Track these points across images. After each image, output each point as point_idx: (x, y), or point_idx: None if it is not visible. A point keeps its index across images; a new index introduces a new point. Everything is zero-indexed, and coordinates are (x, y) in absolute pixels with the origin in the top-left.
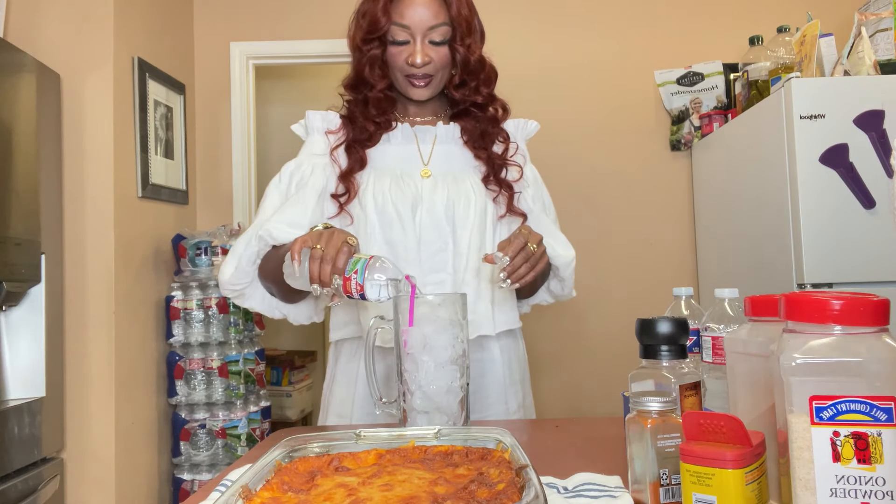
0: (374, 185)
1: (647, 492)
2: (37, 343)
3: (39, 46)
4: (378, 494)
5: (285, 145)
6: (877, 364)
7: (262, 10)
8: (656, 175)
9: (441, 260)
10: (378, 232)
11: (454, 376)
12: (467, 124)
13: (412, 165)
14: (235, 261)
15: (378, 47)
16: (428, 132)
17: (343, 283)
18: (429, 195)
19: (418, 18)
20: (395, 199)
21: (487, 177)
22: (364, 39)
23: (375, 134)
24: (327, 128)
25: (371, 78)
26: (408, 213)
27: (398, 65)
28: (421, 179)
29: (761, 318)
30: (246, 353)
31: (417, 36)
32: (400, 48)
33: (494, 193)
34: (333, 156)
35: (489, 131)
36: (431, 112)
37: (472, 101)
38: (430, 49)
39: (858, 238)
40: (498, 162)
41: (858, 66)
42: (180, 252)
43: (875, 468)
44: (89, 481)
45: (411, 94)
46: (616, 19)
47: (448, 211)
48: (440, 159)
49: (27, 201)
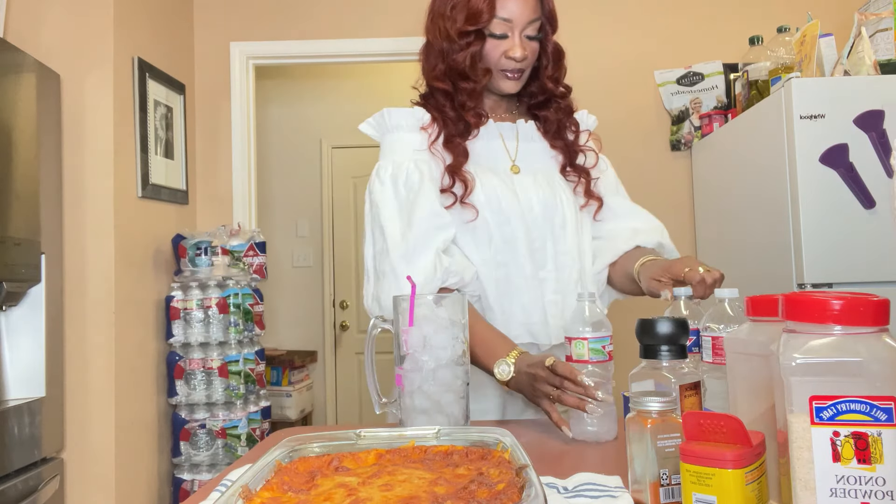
0: (482, 181)
1: (647, 492)
2: (37, 343)
3: (39, 46)
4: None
5: (285, 145)
6: (877, 364)
7: (262, 10)
8: (656, 175)
9: (541, 257)
10: (495, 230)
11: (454, 376)
12: (549, 115)
13: (500, 161)
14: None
15: (476, 41)
16: (510, 129)
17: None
18: (524, 191)
19: (519, 13)
20: (506, 195)
21: (565, 166)
22: (460, 32)
23: (474, 126)
24: (419, 124)
25: (473, 73)
26: (516, 208)
27: (495, 58)
28: (513, 176)
29: (761, 318)
30: (246, 353)
31: (517, 30)
32: (497, 42)
33: (574, 182)
34: (431, 150)
35: (565, 122)
36: (506, 108)
37: (553, 91)
38: (526, 43)
39: (858, 238)
40: (575, 149)
41: (858, 66)
42: (180, 252)
43: (875, 468)
44: (89, 481)
45: (504, 86)
46: (616, 19)
47: (547, 211)
48: (525, 156)
49: (27, 201)
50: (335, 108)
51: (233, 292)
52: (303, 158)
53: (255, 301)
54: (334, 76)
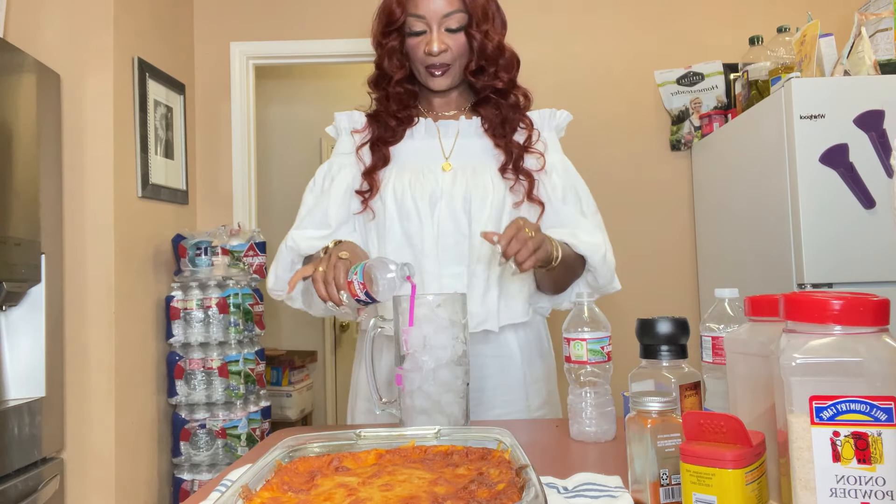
0: (395, 179)
1: (647, 492)
2: (37, 343)
3: (39, 46)
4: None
5: (285, 145)
6: (877, 364)
7: (262, 10)
8: (656, 175)
9: (458, 253)
10: (397, 225)
11: (454, 376)
12: (488, 112)
13: (434, 160)
14: (274, 270)
15: (396, 39)
16: (450, 126)
17: (349, 290)
18: (448, 189)
19: (433, 7)
20: (415, 193)
21: (506, 165)
22: (382, 33)
23: (398, 129)
24: (353, 127)
25: (389, 69)
26: (426, 206)
27: (417, 56)
28: (442, 173)
29: (761, 318)
30: (246, 353)
31: (433, 24)
32: (417, 39)
33: (511, 182)
34: (359, 154)
35: (510, 118)
36: (455, 106)
37: (493, 87)
38: (446, 37)
39: (858, 238)
40: (517, 150)
41: (858, 66)
42: (180, 252)
43: (875, 468)
44: (89, 481)
45: (431, 83)
46: (616, 19)
47: (465, 204)
48: (462, 153)
49: (27, 201)
50: (335, 108)
51: (233, 292)
52: (303, 158)
53: (255, 301)
54: (334, 76)
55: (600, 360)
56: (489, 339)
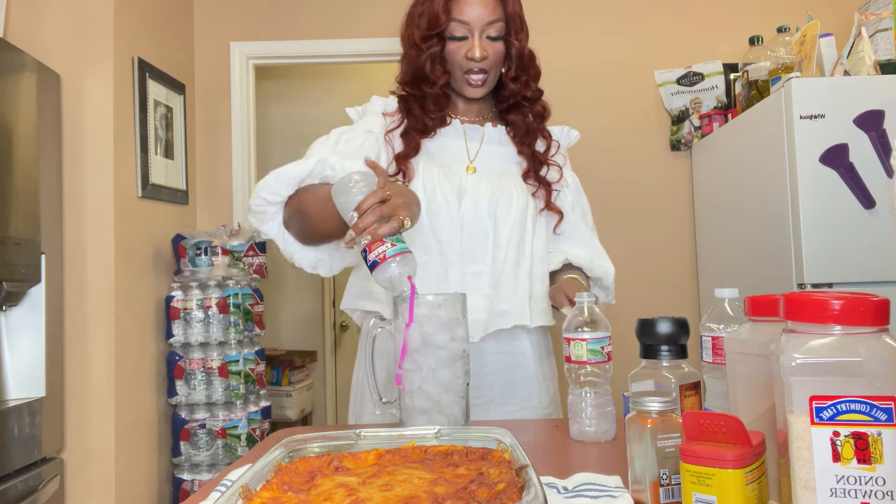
0: (424, 172)
1: (647, 492)
2: (37, 343)
3: (39, 46)
4: (378, 494)
5: (285, 145)
6: (877, 364)
7: (262, 10)
8: (656, 175)
9: (481, 251)
10: (425, 217)
11: (454, 376)
12: (516, 118)
13: (459, 161)
14: (284, 171)
15: (437, 44)
16: (476, 131)
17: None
18: (473, 189)
19: (476, 15)
20: (444, 188)
21: (528, 172)
22: (423, 37)
23: (431, 128)
24: (385, 110)
25: (433, 74)
26: (454, 202)
27: (457, 60)
28: (466, 174)
29: (761, 318)
30: (246, 353)
31: (476, 31)
32: (458, 44)
33: (534, 188)
34: (388, 137)
35: (534, 128)
36: (478, 112)
37: (523, 94)
38: (486, 44)
39: (858, 238)
40: (539, 159)
41: (858, 66)
42: (180, 252)
43: (875, 468)
44: (89, 481)
45: (467, 91)
46: (616, 19)
47: (491, 206)
48: (486, 158)
49: (27, 201)
50: (335, 108)
51: (233, 292)
52: None
53: (255, 301)
54: (334, 76)
55: (600, 360)
56: (501, 337)
